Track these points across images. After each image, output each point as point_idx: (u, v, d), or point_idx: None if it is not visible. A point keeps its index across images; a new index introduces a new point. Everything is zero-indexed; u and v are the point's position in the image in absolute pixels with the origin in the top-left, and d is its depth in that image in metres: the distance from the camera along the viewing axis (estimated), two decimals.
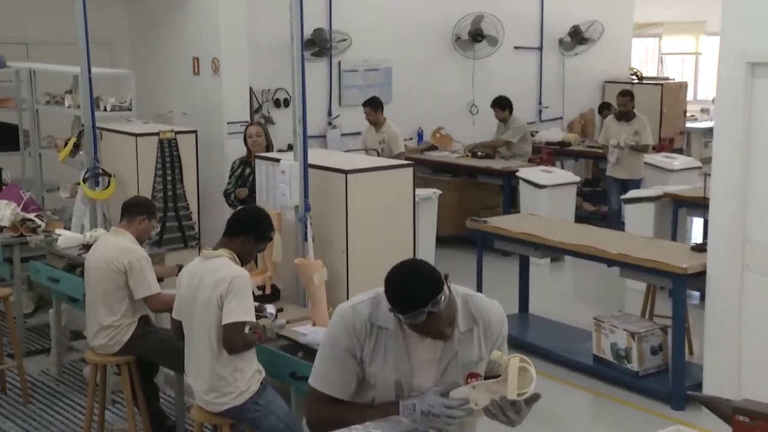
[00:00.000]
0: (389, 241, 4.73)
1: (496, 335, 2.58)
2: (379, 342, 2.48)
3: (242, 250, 3.82)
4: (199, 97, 7.94)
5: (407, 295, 2.35)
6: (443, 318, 2.39)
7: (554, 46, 11.40)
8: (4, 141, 7.53)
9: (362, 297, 2.55)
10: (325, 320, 4.16)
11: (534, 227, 6.20)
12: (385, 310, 2.47)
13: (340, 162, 4.95)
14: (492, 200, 9.18)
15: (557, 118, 11.52)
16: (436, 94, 10.30)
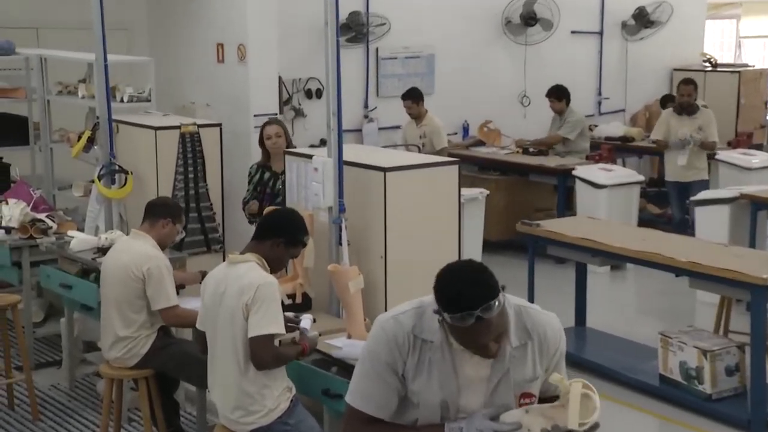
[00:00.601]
0: (432, 245, 4.73)
1: (553, 352, 2.56)
2: (423, 357, 2.48)
3: (272, 254, 3.85)
4: (223, 87, 8.02)
5: (459, 294, 2.35)
6: (492, 329, 2.38)
7: (616, 30, 11.31)
8: (12, 134, 7.66)
9: (405, 307, 2.56)
10: (361, 332, 4.17)
11: (592, 231, 6.16)
12: (431, 321, 2.47)
13: (377, 159, 4.95)
14: (545, 201, 9.13)
15: (619, 110, 11.43)
16: (483, 84, 10.29)
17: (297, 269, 4.77)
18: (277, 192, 5.98)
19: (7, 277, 6.24)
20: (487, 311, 2.34)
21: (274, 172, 6.08)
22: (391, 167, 4.64)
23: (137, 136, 6.49)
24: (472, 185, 8.38)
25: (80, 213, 7.10)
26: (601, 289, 7.68)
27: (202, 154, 6.44)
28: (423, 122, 8.68)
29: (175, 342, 4.71)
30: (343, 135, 4.68)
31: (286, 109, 9.11)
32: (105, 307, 4.69)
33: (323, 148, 5.07)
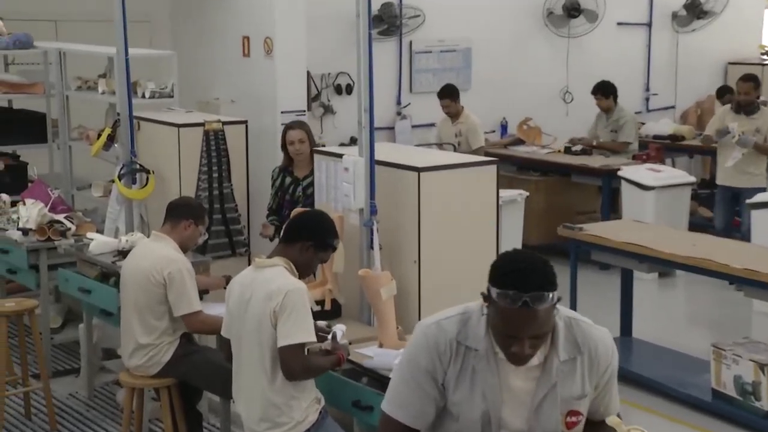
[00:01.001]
0: (468, 250, 4.73)
1: (603, 369, 2.55)
2: (465, 365, 2.49)
3: (300, 259, 3.87)
4: (249, 82, 8.06)
5: (516, 271, 2.37)
6: (533, 325, 2.37)
7: (666, 22, 11.24)
8: (30, 132, 7.75)
9: (448, 313, 2.57)
10: (393, 341, 4.18)
11: (639, 236, 6.13)
12: (476, 328, 2.48)
13: (411, 158, 4.96)
14: (589, 204, 9.08)
15: (668, 107, 11.35)
16: (523, 79, 10.26)
17: (326, 274, 4.79)
18: (297, 199, 5.89)
19: (24, 281, 6.32)
20: (537, 300, 2.34)
21: (295, 177, 5.99)
22: (426, 167, 4.65)
23: (159, 134, 6.55)
24: (510, 186, 8.36)
25: (100, 214, 7.16)
26: (648, 298, 7.63)
27: (227, 152, 6.48)
28: (459, 120, 8.67)
29: (198, 350, 4.75)
30: (374, 133, 4.69)
31: (315, 106, 9.15)
32: (125, 313, 4.74)
33: (354, 146, 5.08)
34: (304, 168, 5.93)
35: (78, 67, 7.83)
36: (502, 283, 2.37)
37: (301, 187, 5.91)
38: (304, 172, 5.94)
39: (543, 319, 2.38)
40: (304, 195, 5.87)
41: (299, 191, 5.92)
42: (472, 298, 4.75)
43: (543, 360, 2.49)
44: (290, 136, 5.93)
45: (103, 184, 7.30)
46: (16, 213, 6.28)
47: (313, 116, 9.06)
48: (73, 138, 7.72)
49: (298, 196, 5.91)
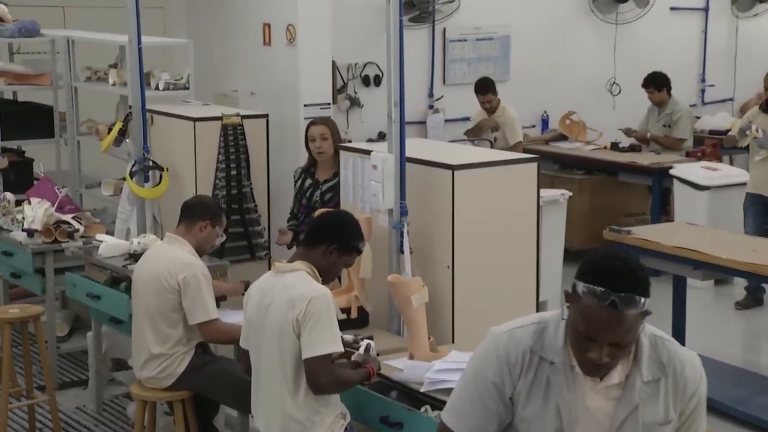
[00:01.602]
0: (505, 254, 4.73)
1: (690, 395, 2.52)
2: (539, 378, 2.47)
3: (324, 263, 3.89)
4: (270, 73, 8.09)
5: (610, 268, 2.36)
6: (617, 331, 2.34)
7: (725, 6, 11.16)
8: (36, 126, 7.82)
9: (521, 322, 2.56)
10: (425, 352, 4.19)
11: (693, 240, 6.09)
12: (553, 339, 2.46)
13: (444, 155, 4.96)
14: (637, 205, 9.04)
15: (726, 99, 11.27)
16: (566, 69, 10.23)
17: (352, 280, 4.81)
18: (313, 205, 5.77)
19: (29, 286, 6.38)
20: (626, 303, 2.33)
21: (315, 180, 5.88)
22: (460, 165, 4.65)
23: (174, 129, 6.60)
24: (551, 185, 8.34)
25: (110, 214, 7.21)
26: (703, 307, 7.57)
27: (246, 148, 6.51)
28: (496, 114, 8.66)
29: (214, 360, 4.78)
30: (405, 128, 4.70)
31: (341, 98, 9.17)
32: (137, 321, 4.78)
33: (383, 142, 5.09)
34: (327, 170, 5.84)
35: (87, 56, 7.89)
36: (591, 279, 2.36)
37: (319, 192, 5.81)
38: (325, 174, 5.84)
39: (629, 326, 2.36)
40: (321, 201, 5.75)
41: (317, 196, 5.82)
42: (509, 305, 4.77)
43: (624, 379, 2.46)
44: (311, 133, 5.85)
45: (114, 182, 7.36)
46: (21, 213, 6.34)
47: (339, 110, 9.08)
48: (81, 133, 7.79)
49: (315, 201, 5.80)
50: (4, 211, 6.50)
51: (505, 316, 4.52)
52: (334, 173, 5.73)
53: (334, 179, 5.72)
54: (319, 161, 5.86)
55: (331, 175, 5.79)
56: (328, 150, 5.78)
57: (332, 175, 5.76)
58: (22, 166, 7.68)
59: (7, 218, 6.45)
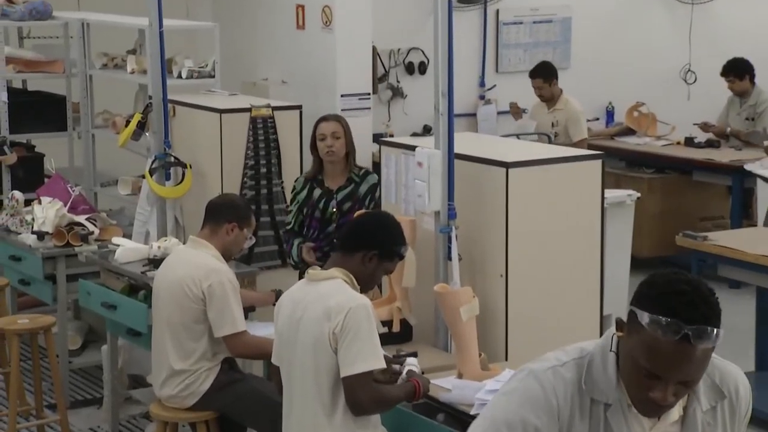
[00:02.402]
0: (566, 262, 4.71)
1: (743, 414, 2.49)
2: (594, 424, 2.37)
3: (362, 270, 3.90)
4: (304, 60, 8.13)
5: (682, 295, 2.25)
6: (688, 368, 2.27)
7: None
8: (47, 118, 7.92)
9: (561, 357, 2.45)
10: (475, 371, 4.18)
11: None
12: (601, 375, 2.37)
13: (497, 151, 4.95)
14: (715, 207, 8.96)
15: None
16: (634, 55, 10.18)
17: (394, 289, 4.81)
18: (330, 218, 5.69)
19: (39, 294, 6.45)
20: (699, 336, 2.23)
21: (326, 189, 5.76)
22: (515, 162, 4.64)
23: (198, 121, 6.64)
24: (617, 185, 8.30)
25: (127, 215, 7.28)
26: None
27: (278, 143, 6.54)
28: (556, 105, 8.63)
29: (242, 378, 4.81)
30: (453, 120, 4.70)
31: (382, 88, 9.19)
32: (157, 333, 4.82)
33: (428, 137, 5.09)
34: (338, 176, 5.75)
35: (103, 41, 7.97)
36: (656, 307, 2.25)
37: (334, 202, 5.71)
38: (338, 181, 5.74)
39: (699, 362, 2.27)
40: (339, 212, 5.67)
41: (332, 207, 5.71)
42: (569, 319, 4.75)
43: (683, 413, 2.41)
44: (322, 129, 5.72)
45: (132, 180, 7.42)
46: (30, 213, 6.39)
47: (380, 100, 9.10)
48: (96, 125, 7.87)
49: (331, 213, 5.71)
50: (12, 211, 6.56)
51: (565, 332, 4.55)
52: (348, 179, 5.72)
53: (349, 186, 5.70)
54: (328, 166, 5.74)
55: (344, 182, 5.74)
56: (340, 151, 5.70)
57: (345, 182, 5.73)
58: (32, 161, 7.78)
59: (15, 219, 6.51)
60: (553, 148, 6.09)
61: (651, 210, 8.63)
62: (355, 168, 5.82)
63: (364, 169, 5.93)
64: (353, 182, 5.75)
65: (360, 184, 5.76)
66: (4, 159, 7.39)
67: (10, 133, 7.58)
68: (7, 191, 7.12)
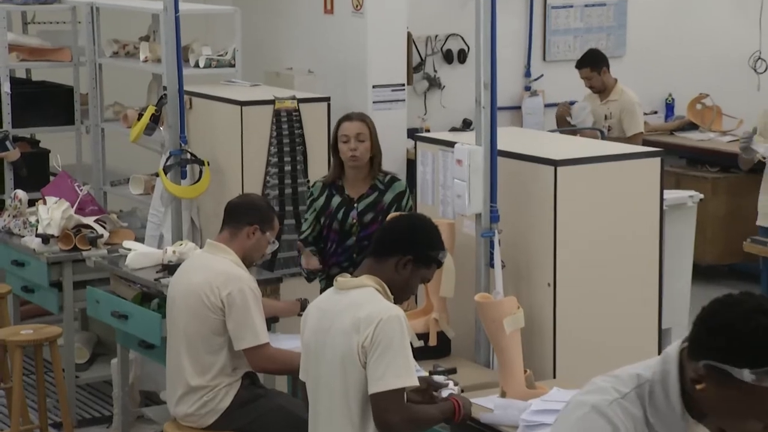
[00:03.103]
0: (620, 270, 4.70)
1: None
2: None
3: (396, 278, 3.89)
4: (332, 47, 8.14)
5: None
6: None
7: None
8: (52, 110, 7.96)
9: (618, 387, 2.45)
10: (519, 389, 4.18)
11: None
12: (665, 404, 2.39)
13: (545, 147, 4.95)
14: None
15: None
16: (696, 42, 10.13)
17: (431, 300, 4.82)
18: (349, 230, 5.54)
19: (44, 302, 6.49)
20: None
21: (346, 197, 5.61)
22: (564, 159, 4.64)
23: (217, 114, 6.66)
24: (678, 186, 8.26)
25: (139, 217, 7.31)
26: None
27: (303, 139, 6.55)
28: (609, 97, 8.60)
29: (265, 394, 4.82)
30: (497, 114, 4.69)
31: (417, 78, 9.19)
32: (172, 346, 4.84)
33: (469, 132, 5.09)
34: (361, 183, 5.59)
35: (115, 27, 8.01)
36: (758, 359, 2.27)
37: (355, 212, 5.56)
38: (360, 189, 5.58)
39: None
40: (360, 224, 5.52)
41: (352, 218, 5.56)
42: (624, 333, 4.74)
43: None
44: (345, 129, 5.54)
45: (144, 178, 7.45)
46: (35, 215, 6.44)
47: (415, 92, 9.11)
48: (106, 119, 7.90)
49: (351, 225, 5.55)
50: (15, 212, 6.60)
51: (619, 347, 4.55)
52: (371, 187, 5.56)
53: (372, 195, 5.55)
54: (349, 171, 5.58)
55: (366, 190, 5.57)
56: (364, 155, 5.52)
57: (368, 190, 5.57)
58: (36, 158, 7.80)
59: (18, 221, 6.55)
60: (606, 145, 6.07)
61: (715, 213, 8.59)
62: (380, 174, 5.59)
63: (390, 174, 5.65)
64: (377, 190, 5.56)
65: (385, 192, 5.56)
66: (6, 155, 7.42)
67: (12, 127, 7.63)
68: (10, 190, 7.17)
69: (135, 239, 6.29)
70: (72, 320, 6.37)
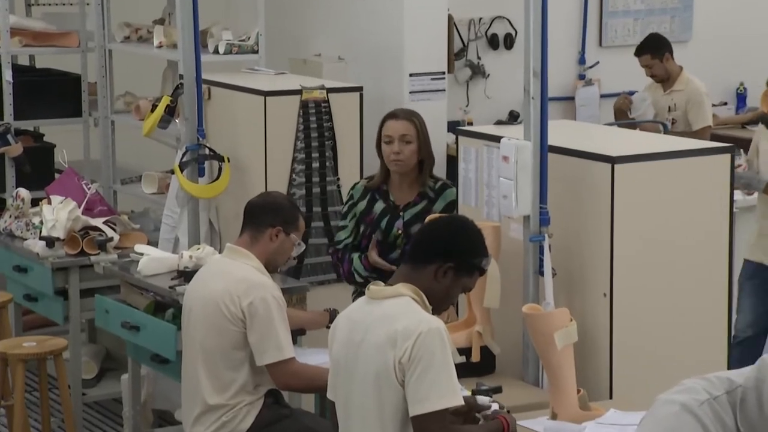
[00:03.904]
0: (685, 278, 4.68)
1: None
2: None
3: (435, 287, 3.90)
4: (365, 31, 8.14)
5: None
6: None
7: None
8: (58, 101, 8.00)
9: (708, 388, 2.50)
10: (572, 410, 4.17)
11: None
12: (759, 417, 2.43)
13: (600, 142, 4.93)
14: None
15: None
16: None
17: (474, 311, 4.81)
18: (394, 241, 5.50)
19: (48, 312, 6.53)
20: None
21: (391, 204, 5.57)
22: (623, 156, 4.62)
23: (238, 106, 6.68)
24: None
25: (153, 218, 7.34)
26: None
27: (333, 132, 6.55)
28: (674, 86, 8.57)
29: (289, 414, 4.83)
30: (548, 106, 4.68)
31: (459, 66, 9.18)
32: (188, 360, 4.86)
33: (517, 125, 5.09)
34: (407, 190, 5.55)
35: (126, 10, 8.05)
36: None
37: (401, 221, 5.53)
38: (406, 196, 5.55)
39: None
40: (406, 236, 5.45)
41: (397, 228, 5.53)
42: (689, 347, 4.71)
43: None
44: (390, 129, 5.50)
45: (158, 176, 7.48)
46: (38, 215, 6.48)
47: (456, 81, 9.10)
48: (117, 110, 7.93)
49: (396, 236, 5.52)
50: (17, 212, 6.64)
51: (684, 363, 4.52)
52: (419, 194, 5.50)
53: (420, 203, 5.49)
54: (394, 176, 5.56)
55: (414, 198, 5.54)
56: (410, 159, 5.48)
57: (416, 198, 5.53)
58: (41, 153, 7.84)
59: (20, 222, 6.58)
60: (669, 140, 6.05)
61: None
62: (429, 180, 5.56)
63: (441, 181, 5.63)
64: (426, 198, 5.51)
65: (435, 200, 5.52)
66: (8, 150, 7.47)
67: (14, 119, 7.67)
68: (11, 189, 7.20)
69: (148, 243, 6.32)
70: (78, 332, 6.40)
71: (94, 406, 6.81)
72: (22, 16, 8.33)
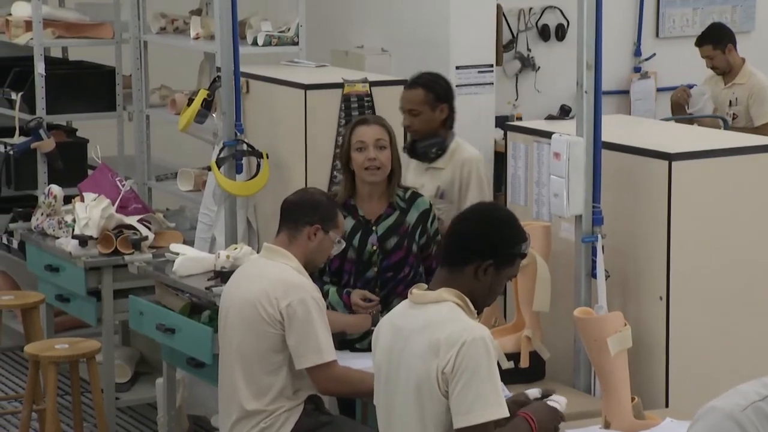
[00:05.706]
0: (746, 281, 4.65)
1: None
2: None
3: (477, 285, 3.85)
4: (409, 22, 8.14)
5: None
6: None
7: None
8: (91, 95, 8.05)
9: (760, 390, 2.54)
10: (626, 419, 4.15)
11: None
12: None
13: (657, 138, 4.91)
14: None
15: None
16: None
17: (522, 314, 4.80)
18: (370, 258, 5.33)
19: (80, 314, 6.57)
20: None
21: (362, 219, 5.40)
22: (680, 153, 4.60)
23: (277, 100, 6.69)
24: None
25: (189, 217, 7.35)
26: None
27: None
28: (735, 80, 8.52)
29: (330, 421, 4.82)
30: (602, 100, 4.66)
31: (508, 58, 9.15)
32: (225, 364, 4.86)
33: (569, 120, 5.07)
34: (377, 202, 5.39)
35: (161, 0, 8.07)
36: None
37: (374, 237, 5.35)
38: (377, 208, 5.39)
39: None
40: (381, 251, 5.33)
41: (372, 244, 5.35)
42: (749, 355, 4.67)
43: None
44: (361, 134, 5.35)
45: (195, 172, 7.50)
46: (71, 213, 6.50)
47: (505, 74, 9.07)
48: (152, 104, 7.97)
49: (371, 253, 5.35)
50: (49, 210, 6.66)
51: (744, 371, 4.47)
52: (390, 206, 5.37)
53: (392, 215, 5.36)
54: (364, 187, 5.40)
55: (385, 209, 5.38)
56: (386, 166, 5.32)
57: (387, 209, 5.38)
58: (73, 149, 7.89)
59: (52, 220, 6.61)
60: (730, 135, 6.01)
61: None
62: (399, 190, 5.43)
63: (410, 189, 5.50)
64: (397, 208, 5.38)
65: (407, 211, 5.39)
66: (40, 145, 7.51)
67: (47, 113, 7.72)
68: (43, 186, 7.24)
69: (183, 242, 6.34)
70: (112, 334, 6.43)
71: (127, 411, 6.83)
72: (54, 7, 8.39)
